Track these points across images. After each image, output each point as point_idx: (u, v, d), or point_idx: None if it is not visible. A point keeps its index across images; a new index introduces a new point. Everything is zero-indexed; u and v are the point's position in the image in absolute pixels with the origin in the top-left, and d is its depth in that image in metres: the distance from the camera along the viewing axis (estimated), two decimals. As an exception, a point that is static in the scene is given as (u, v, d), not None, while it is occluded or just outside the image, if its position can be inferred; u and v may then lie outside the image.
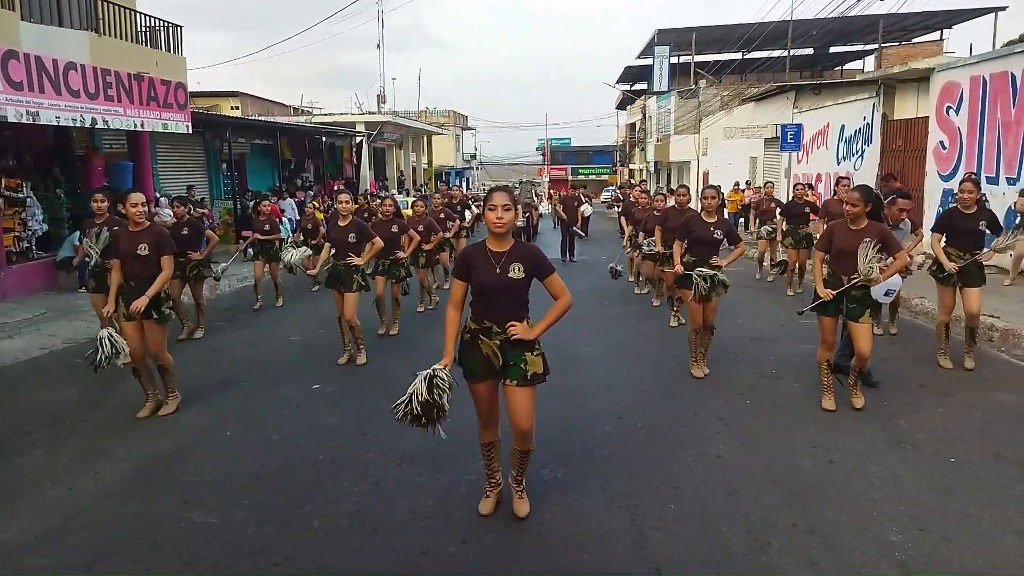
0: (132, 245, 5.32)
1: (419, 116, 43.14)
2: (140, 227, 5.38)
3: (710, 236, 6.23)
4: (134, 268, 5.35)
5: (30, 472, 4.55)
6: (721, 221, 6.36)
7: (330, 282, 6.93)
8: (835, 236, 5.26)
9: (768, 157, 22.00)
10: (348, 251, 6.77)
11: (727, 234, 6.31)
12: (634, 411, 5.50)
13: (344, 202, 6.94)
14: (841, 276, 5.21)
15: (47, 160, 12.17)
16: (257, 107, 30.27)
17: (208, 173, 18.37)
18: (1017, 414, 5.33)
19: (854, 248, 5.07)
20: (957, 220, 6.37)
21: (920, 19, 29.40)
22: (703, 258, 6.23)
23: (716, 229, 6.24)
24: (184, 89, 13.73)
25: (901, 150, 14.43)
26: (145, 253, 5.32)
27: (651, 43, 34.79)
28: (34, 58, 9.88)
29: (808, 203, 10.80)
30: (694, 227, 6.32)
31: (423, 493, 4.14)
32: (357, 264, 6.77)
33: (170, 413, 5.53)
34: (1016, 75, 10.86)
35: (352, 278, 6.79)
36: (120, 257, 5.41)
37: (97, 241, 6.37)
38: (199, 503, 4.04)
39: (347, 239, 6.79)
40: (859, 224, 5.15)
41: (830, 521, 3.73)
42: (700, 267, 6.18)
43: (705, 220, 6.28)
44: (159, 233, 5.51)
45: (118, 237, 5.52)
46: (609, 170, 64.36)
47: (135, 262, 5.34)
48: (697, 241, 6.27)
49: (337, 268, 6.85)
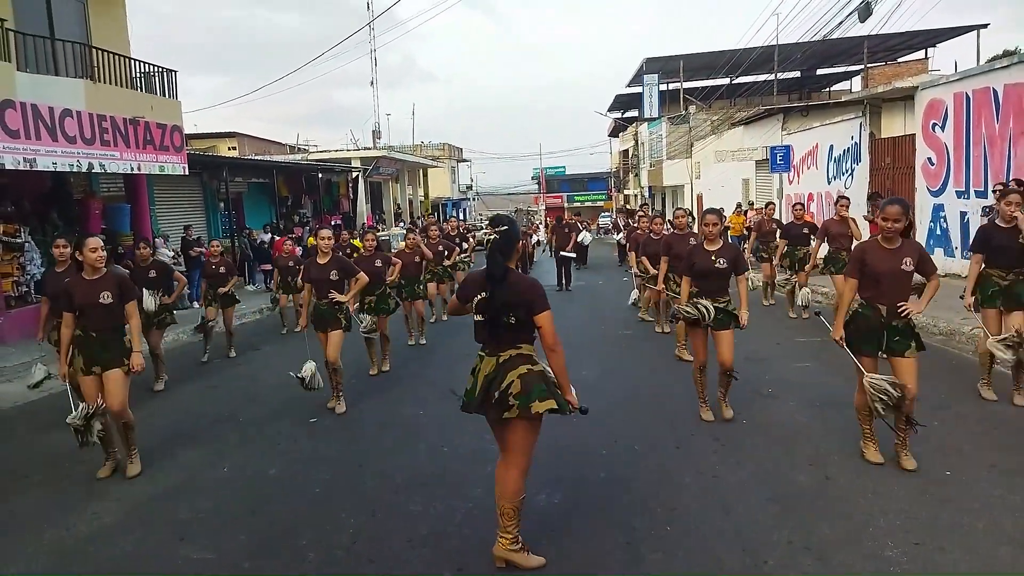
0: (92, 294, 4.94)
1: (414, 150, 43.56)
2: (99, 273, 5.02)
3: (712, 267, 5.58)
4: (96, 319, 4.97)
5: (27, 514, 4.56)
6: (726, 247, 5.73)
7: (314, 323, 6.60)
8: (868, 258, 4.56)
9: (760, 179, 22.19)
10: (330, 289, 6.52)
11: (732, 262, 5.62)
12: (630, 433, 5.51)
13: (325, 239, 6.63)
14: (878, 305, 4.54)
15: (45, 205, 12.30)
16: (254, 146, 30.62)
17: (206, 213, 18.52)
18: (1011, 425, 5.33)
19: (894, 270, 4.46)
20: (995, 236, 5.70)
21: (904, 39, 29.83)
22: (709, 292, 5.62)
23: (719, 257, 5.59)
24: (180, 132, 13.90)
25: (890, 167, 14.58)
26: (109, 301, 4.97)
27: (640, 71, 35.29)
28: (30, 106, 10.04)
29: (808, 223, 10.65)
30: (694, 259, 5.72)
31: (419, 522, 4.14)
32: (340, 302, 6.53)
33: (136, 475, 5.06)
34: (998, 90, 11.03)
35: (336, 317, 6.53)
36: (75, 309, 4.97)
37: None
38: (195, 539, 4.05)
39: (328, 276, 6.51)
40: (894, 243, 4.52)
41: (825, 537, 3.74)
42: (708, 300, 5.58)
43: (707, 249, 5.66)
44: (121, 278, 5.23)
45: (71, 288, 5.01)
46: (604, 196, 64.74)
47: (96, 312, 4.96)
48: (699, 274, 5.66)
49: (319, 308, 6.55)
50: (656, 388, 6.88)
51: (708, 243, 5.70)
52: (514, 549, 3.53)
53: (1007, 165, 10.85)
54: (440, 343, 9.74)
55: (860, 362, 4.61)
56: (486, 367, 3.53)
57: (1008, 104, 10.82)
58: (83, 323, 5.00)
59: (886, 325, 4.52)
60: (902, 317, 4.50)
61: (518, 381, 3.41)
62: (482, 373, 3.54)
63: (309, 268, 6.63)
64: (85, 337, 5.01)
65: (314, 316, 6.59)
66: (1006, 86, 10.85)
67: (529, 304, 3.44)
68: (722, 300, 5.60)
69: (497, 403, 3.44)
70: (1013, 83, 10.69)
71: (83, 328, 5.01)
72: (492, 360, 3.52)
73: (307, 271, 6.64)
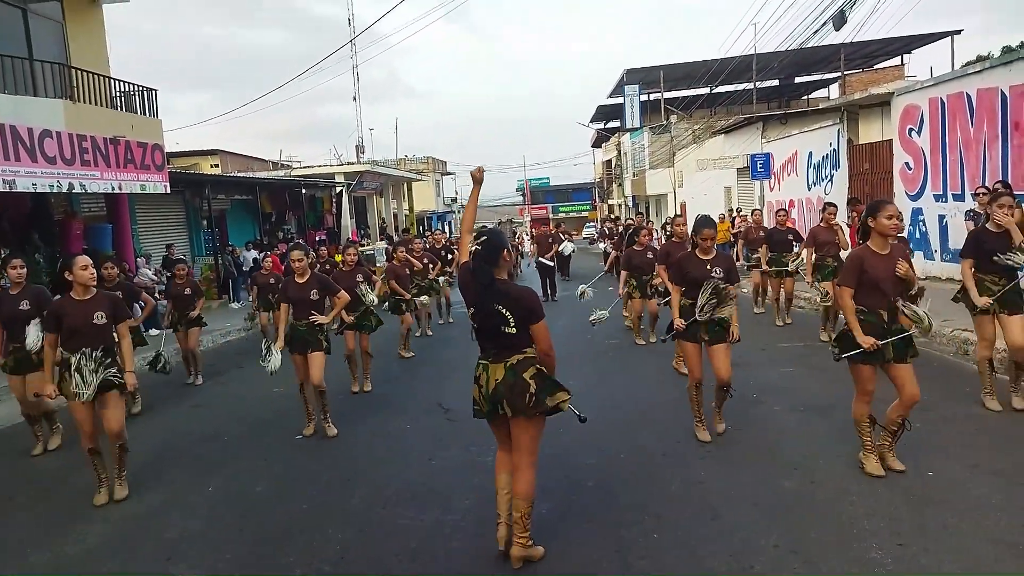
0: (85, 314, 4.84)
1: (398, 164, 43.57)
2: (90, 294, 4.92)
3: (707, 276, 5.38)
4: (87, 339, 4.83)
5: (12, 536, 4.51)
6: (719, 257, 5.52)
7: (292, 345, 6.23)
8: (866, 265, 4.48)
9: (742, 186, 22.41)
10: (310, 309, 6.22)
11: (726, 272, 5.42)
12: (617, 442, 5.53)
13: (297, 260, 6.26)
14: (880, 311, 4.49)
15: (25, 225, 12.20)
16: (237, 163, 30.54)
17: (188, 231, 18.46)
18: (994, 425, 5.39)
19: (890, 276, 4.45)
20: (988, 241, 5.56)
21: (880, 46, 30.28)
22: None
23: (714, 267, 5.40)
24: (161, 150, 13.86)
25: (869, 173, 14.77)
26: (103, 322, 4.87)
27: (621, 82, 35.55)
28: (9, 128, 9.98)
29: (791, 229, 10.58)
30: (688, 267, 5.49)
31: (407, 535, 4.13)
32: (321, 323, 6.26)
33: (124, 497, 4.98)
34: (971, 95, 11.23)
35: (317, 338, 6.24)
36: (68, 330, 4.86)
37: None
38: (182, 558, 4.02)
39: (308, 296, 6.22)
40: (885, 248, 4.51)
41: (812, 540, 3.76)
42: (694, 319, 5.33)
43: (700, 257, 5.46)
44: (114, 299, 5.12)
45: (60, 308, 4.92)
46: (589, 207, 65.08)
47: (90, 332, 4.84)
48: (694, 283, 5.43)
49: (298, 329, 6.22)
50: (642, 397, 6.91)
51: (702, 252, 5.49)
52: (530, 546, 3.69)
53: (983, 168, 11.04)
54: (427, 356, 9.73)
55: (857, 371, 4.56)
56: (495, 373, 3.61)
57: (981, 108, 11.02)
58: (71, 345, 4.86)
59: (888, 331, 4.46)
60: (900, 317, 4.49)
61: (532, 381, 3.57)
62: (492, 379, 3.61)
63: (287, 288, 6.33)
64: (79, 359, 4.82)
65: (292, 337, 6.23)
66: (979, 91, 11.04)
67: (529, 312, 3.57)
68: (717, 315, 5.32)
69: (518, 403, 3.56)
70: (985, 88, 10.89)
71: (72, 350, 4.85)
72: (500, 366, 3.61)
73: (285, 291, 6.33)
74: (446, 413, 6.71)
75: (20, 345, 5.99)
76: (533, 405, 3.55)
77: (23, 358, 6.05)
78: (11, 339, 6.07)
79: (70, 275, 4.90)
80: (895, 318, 4.53)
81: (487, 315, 3.59)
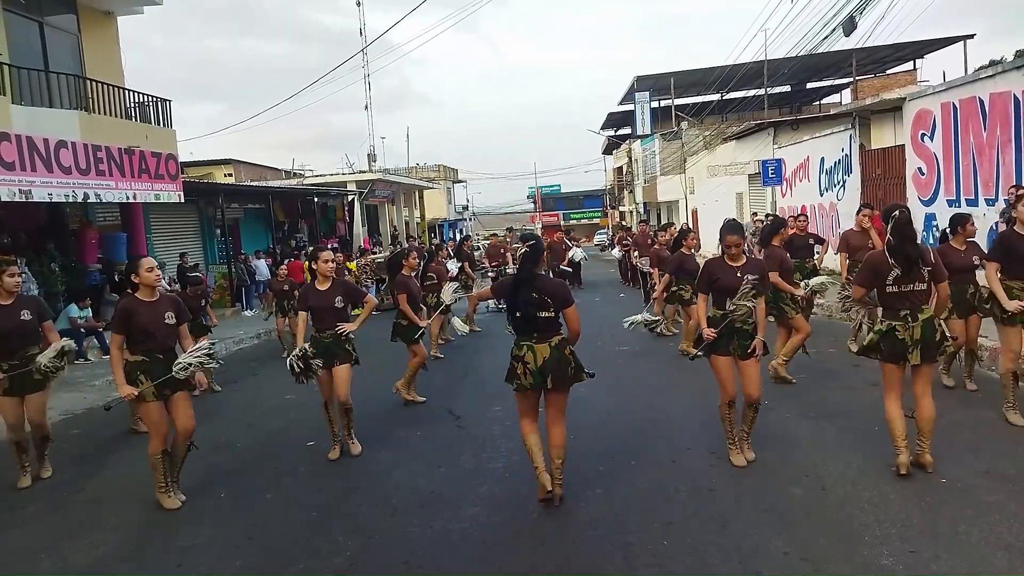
0: (157, 315, 4.88)
1: (410, 172, 43.77)
2: (156, 295, 4.98)
3: (738, 284, 5.00)
4: (158, 340, 4.89)
5: (24, 545, 4.55)
6: (751, 263, 5.17)
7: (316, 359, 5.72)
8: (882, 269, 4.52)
9: (753, 192, 22.32)
10: (335, 319, 5.76)
11: (760, 278, 5.08)
12: (626, 449, 5.52)
13: (326, 260, 5.81)
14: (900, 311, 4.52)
15: (41, 235, 12.35)
16: (250, 173, 30.74)
17: (202, 239, 18.61)
18: (1005, 431, 5.34)
19: None
20: (1017, 244, 5.37)
21: (892, 51, 30.15)
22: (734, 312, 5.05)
23: (745, 274, 5.02)
24: (175, 160, 13.99)
25: (881, 178, 14.69)
26: (172, 322, 4.95)
27: (631, 89, 35.61)
28: (25, 139, 10.12)
29: (810, 235, 9.95)
30: (718, 274, 5.09)
31: (415, 544, 4.14)
32: (347, 332, 5.76)
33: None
34: (984, 100, 11.14)
35: (344, 349, 5.76)
36: (139, 331, 4.85)
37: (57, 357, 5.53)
38: (192, 566, 4.05)
39: (332, 304, 5.74)
40: None
41: (822, 547, 3.74)
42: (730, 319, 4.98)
43: (730, 264, 5.07)
44: (176, 300, 5.22)
45: (130, 309, 4.86)
46: (600, 213, 65.03)
47: (160, 332, 4.88)
48: (722, 291, 5.07)
49: (321, 341, 5.72)
50: (652, 403, 6.89)
51: (731, 259, 5.10)
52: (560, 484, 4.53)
53: (996, 173, 10.95)
54: (437, 364, 9.73)
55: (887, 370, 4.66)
56: (542, 352, 4.39)
57: (994, 113, 10.93)
58: (145, 346, 4.87)
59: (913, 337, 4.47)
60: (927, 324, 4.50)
61: (571, 358, 4.51)
62: (540, 356, 4.38)
63: (308, 295, 5.83)
64: (150, 359, 4.86)
65: (314, 351, 5.71)
66: (991, 95, 10.96)
67: (563, 299, 4.48)
68: (749, 321, 5.00)
69: (563, 375, 4.44)
70: (998, 92, 10.81)
71: (146, 351, 4.88)
72: (544, 346, 4.41)
73: (305, 298, 5.84)
74: (456, 420, 6.72)
75: (18, 362, 5.42)
76: (573, 375, 4.48)
77: (22, 376, 5.42)
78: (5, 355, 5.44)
79: (136, 277, 4.90)
80: None
81: (530, 304, 4.36)
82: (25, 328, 5.43)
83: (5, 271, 5.32)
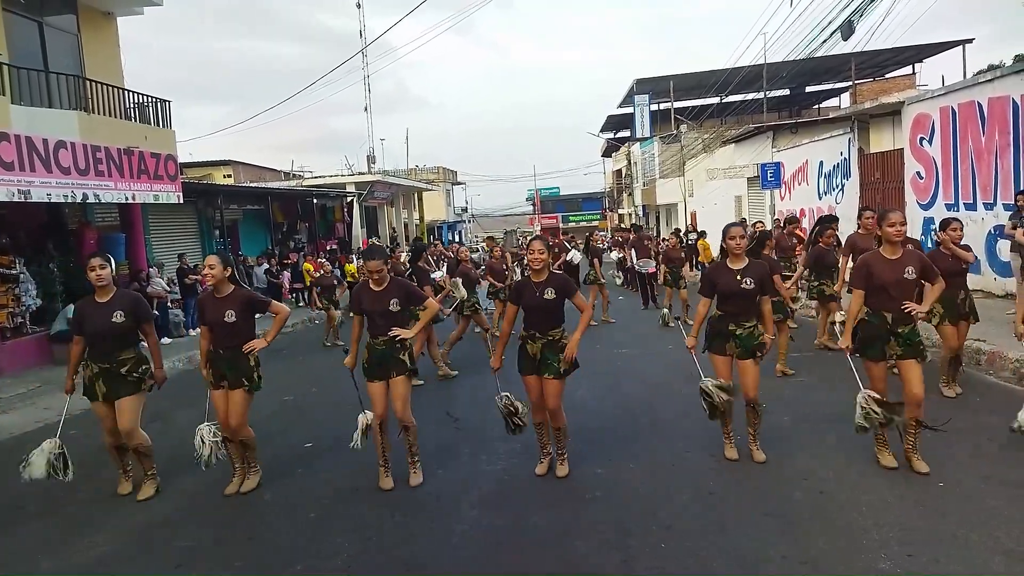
0: (218, 311, 5.01)
1: (408, 174, 43.79)
2: (225, 293, 5.06)
3: (737, 287, 4.96)
4: (225, 335, 5.05)
5: (25, 545, 4.55)
6: (752, 265, 5.06)
7: (369, 371, 5.12)
8: (873, 270, 4.70)
9: (752, 195, 22.35)
10: (392, 323, 5.05)
11: (760, 282, 4.98)
12: (626, 453, 5.52)
13: (376, 271, 5.04)
14: (884, 313, 4.69)
15: (40, 235, 12.33)
16: (249, 174, 30.75)
17: (201, 240, 18.57)
18: (1005, 436, 5.34)
19: (899, 280, 4.66)
20: None
21: (891, 55, 30.20)
22: (732, 315, 5.05)
23: (745, 277, 4.96)
24: (174, 161, 13.98)
25: (880, 182, 14.73)
26: (233, 320, 5.01)
27: (631, 92, 35.64)
28: (24, 139, 10.11)
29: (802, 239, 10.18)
30: (717, 277, 5.09)
31: (416, 544, 4.15)
32: (404, 338, 5.07)
33: (253, 488, 5.19)
34: (982, 104, 11.19)
35: (399, 359, 5.08)
36: (209, 325, 5.07)
37: None
38: (192, 566, 4.05)
39: (387, 307, 5.02)
40: (896, 253, 4.71)
41: (821, 551, 3.75)
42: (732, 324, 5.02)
43: (730, 267, 5.04)
44: (245, 298, 5.17)
45: (203, 303, 5.14)
46: (599, 216, 65.02)
47: (223, 329, 5.03)
48: (723, 295, 5.06)
49: (375, 348, 5.09)
50: (652, 407, 6.89)
51: (732, 260, 5.06)
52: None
53: (994, 178, 10.98)
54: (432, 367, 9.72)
55: (867, 368, 4.85)
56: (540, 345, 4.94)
57: (992, 117, 10.97)
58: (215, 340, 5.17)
59: (892, 332, 4.68)
60: (907, 320, 4.67)
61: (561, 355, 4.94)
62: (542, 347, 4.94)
63: (360, 297, 5.13)
64: (215, 353, 5.17)
65: (370, 361, 5.13)
66: (990, 99, 11.00)
67: (568, 291, 4.99)
68: (747, 325, 5.01)
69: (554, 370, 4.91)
70: (997, 96, 10.85)
71: (212, 344, 5.19)
72: (547, 339, 4.95)
73: (358, 300, 5.14)
74: (455, 422, 6.72)
75: (109, 365, 5.08)
76: (564, 372, 4.93)
77: (113, 380, 5.09)
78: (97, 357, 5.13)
79: (206, 273, 5.19)
80: (901, 322, 4.70)
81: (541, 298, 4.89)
82: (117, 330, 5.04)
83: (94, 267, 4.92)
